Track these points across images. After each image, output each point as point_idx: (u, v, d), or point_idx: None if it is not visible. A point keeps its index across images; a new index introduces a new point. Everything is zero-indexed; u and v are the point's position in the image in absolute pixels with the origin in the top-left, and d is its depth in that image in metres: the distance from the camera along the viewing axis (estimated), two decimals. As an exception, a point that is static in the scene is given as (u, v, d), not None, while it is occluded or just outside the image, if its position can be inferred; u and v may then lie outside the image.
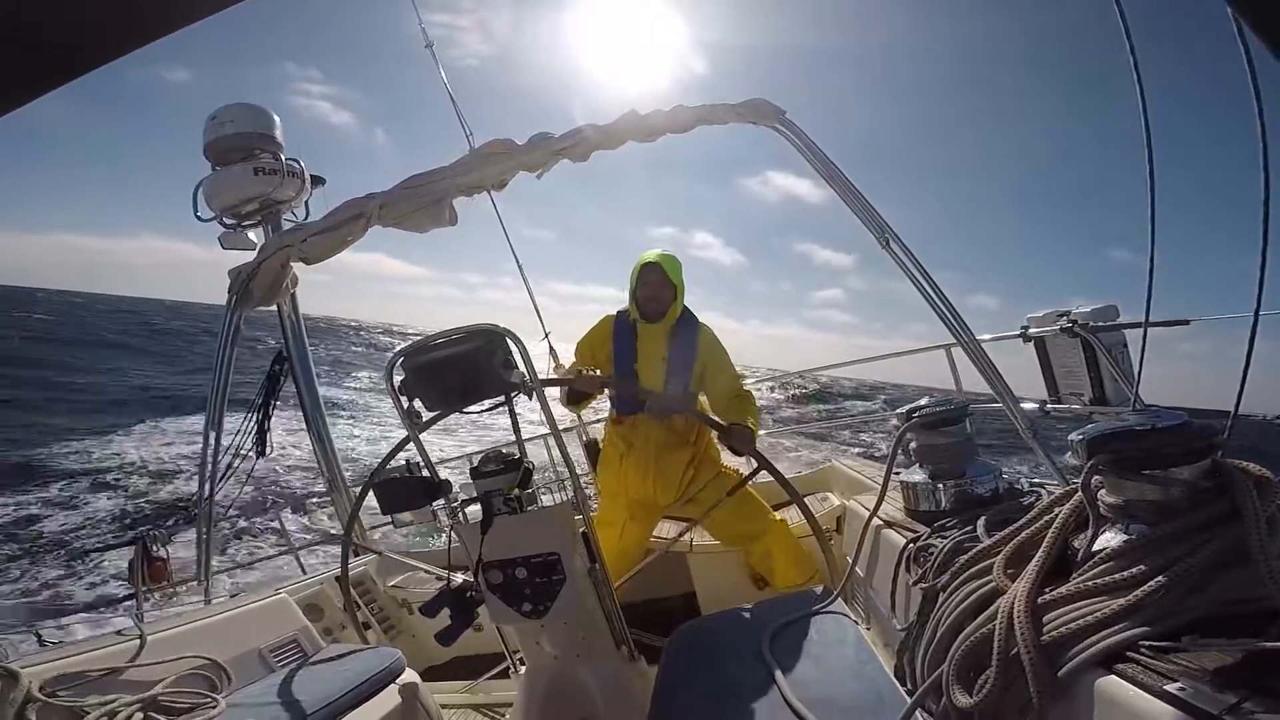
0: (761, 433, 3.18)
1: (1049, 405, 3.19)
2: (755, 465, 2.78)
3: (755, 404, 3.03)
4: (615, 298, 3.22)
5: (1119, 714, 0.96)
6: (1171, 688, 0.90)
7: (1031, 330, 3.17)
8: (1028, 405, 3.00)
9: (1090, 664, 1.03)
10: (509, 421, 2.47)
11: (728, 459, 3.19)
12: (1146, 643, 1.01)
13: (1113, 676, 0.99)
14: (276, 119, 4.02)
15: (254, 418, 4.01)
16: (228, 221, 4.04)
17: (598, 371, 3.16)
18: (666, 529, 3.51)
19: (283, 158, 4.00)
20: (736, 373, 3.10)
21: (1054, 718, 1.04)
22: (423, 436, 2.48)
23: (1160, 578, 1.06)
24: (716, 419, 2.81)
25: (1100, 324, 2.79)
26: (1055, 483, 2.22)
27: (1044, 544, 1.28)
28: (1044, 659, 1.07)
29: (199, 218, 4.03)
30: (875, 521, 2.28)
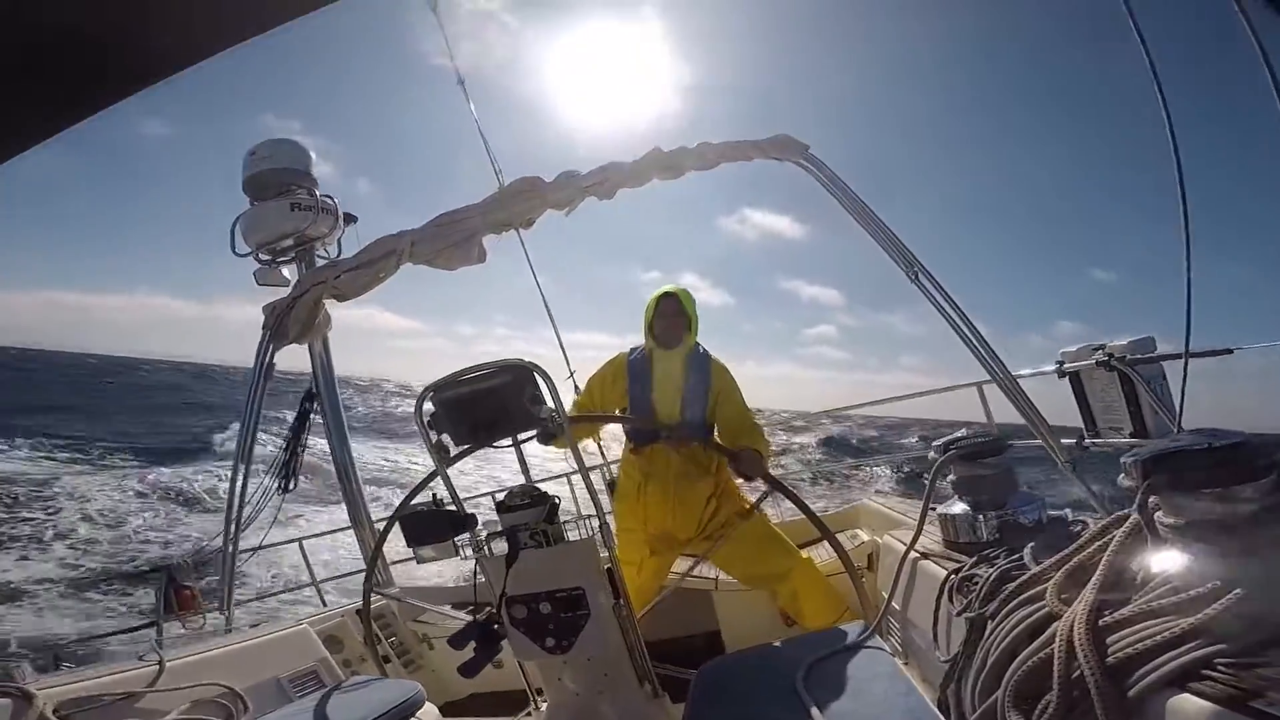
0: (793, 470, 3.11)
1: (1087, 440, 3.10)
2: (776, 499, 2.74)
3: (765, 437, 3.01)
4: (608, 344, 3.28)
5: None
6: (1257, 704, 0.84)
7: (1067, 365, 3.10)
8: (1064, 441, 2.92)
9: (1162, 684, 0.96)
10: (536, 456, 2.48)
11: (751, 495, 3.14)
12: (1222, 660, 0.95)
13: (1188, 695, 0.93)
14: (312, 155, 4.12)
15: (283, 454, 4.02)
16: (263, 257, 4.12)
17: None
18: (685, 567, 3.43)
19: (317, 194, 4.08)
20: (747, 407, 3.09)
21: None
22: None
23: (1230, 595, 1.00)
24: (725, 446, 2.79)
25: (1138, 356, 2.72)
26: (1098, 516, 2.14)
27: (1101, 566, 1.22)
28: (1109, 681, 1.00)
29: (236, 253, 4.10)
30: (912, 554, 2.21)
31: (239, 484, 3.43)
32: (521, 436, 2.50)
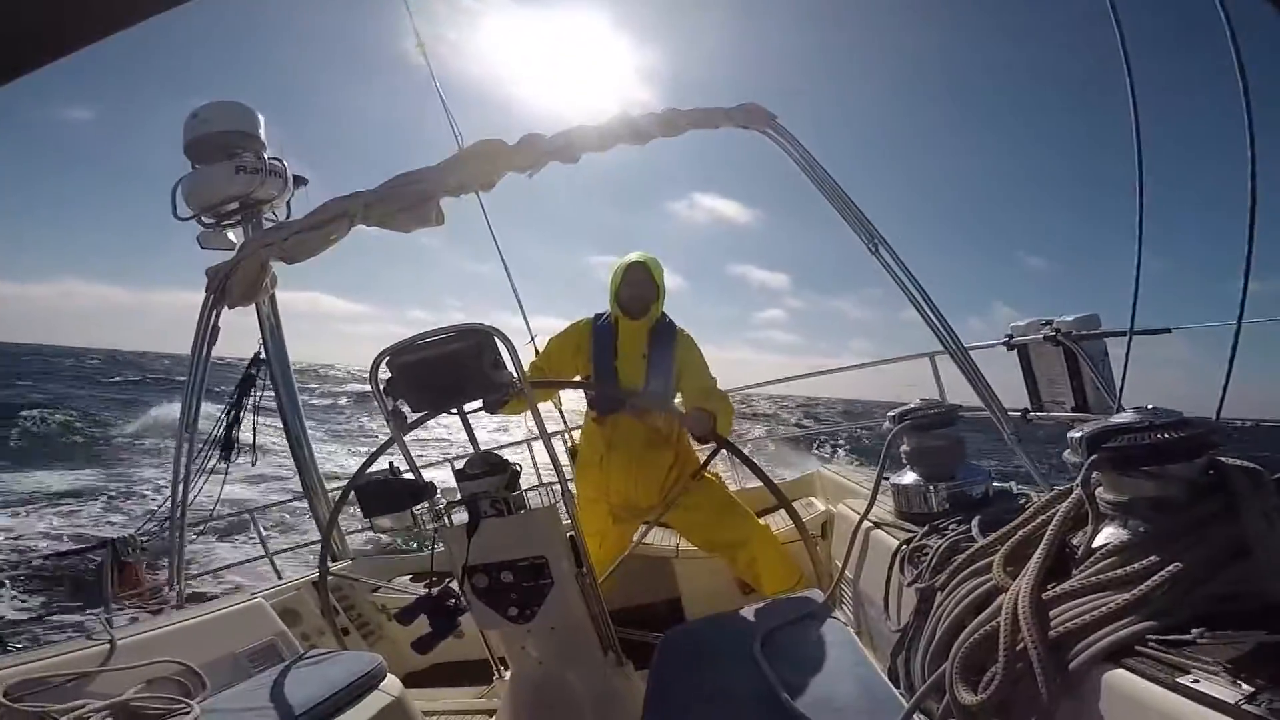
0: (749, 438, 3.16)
1: (1031, 414, 3.22)
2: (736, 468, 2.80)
3: (729, 403, 3.05)
4: (558, 329, 3.26)
5: (1130, 707, 0.95)
6: (1184, 680, 0.90)
7: (1015, 339, 3.20)
8: (1010, 413, 3.03)
9: (1098, 659, 1.02)
10: (498, 423, 2.46)
11: (711, 462, 3.18)
12: (1154, 637, 1.00)
13: (1122, 670, 0.99)
14: (260, 118, 3.96)
15: (224, 421, 3.93)
16: (207, 221, 3.96)
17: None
18: (650, 535, 3.48)
19: (265, 156, 3.93)
20: (712, 376, 3.12)
21: (1062, 713, 1.03)
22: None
23: (1165, 572, 1.06)
24: (679, 410, 2.82)
25: (1083, 332, 2.82)
26: (1039, 489, 2.23)
27: (1044, 540, 1.28)
28: (1051, 654, 1.06)
29: (177, 217, 3.94)
30: (865, 524, 2.28)
31: (184, 454, 3.33)
32: (471, 405, 2.47)
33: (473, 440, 2.56)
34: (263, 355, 4.07)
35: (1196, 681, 0.89)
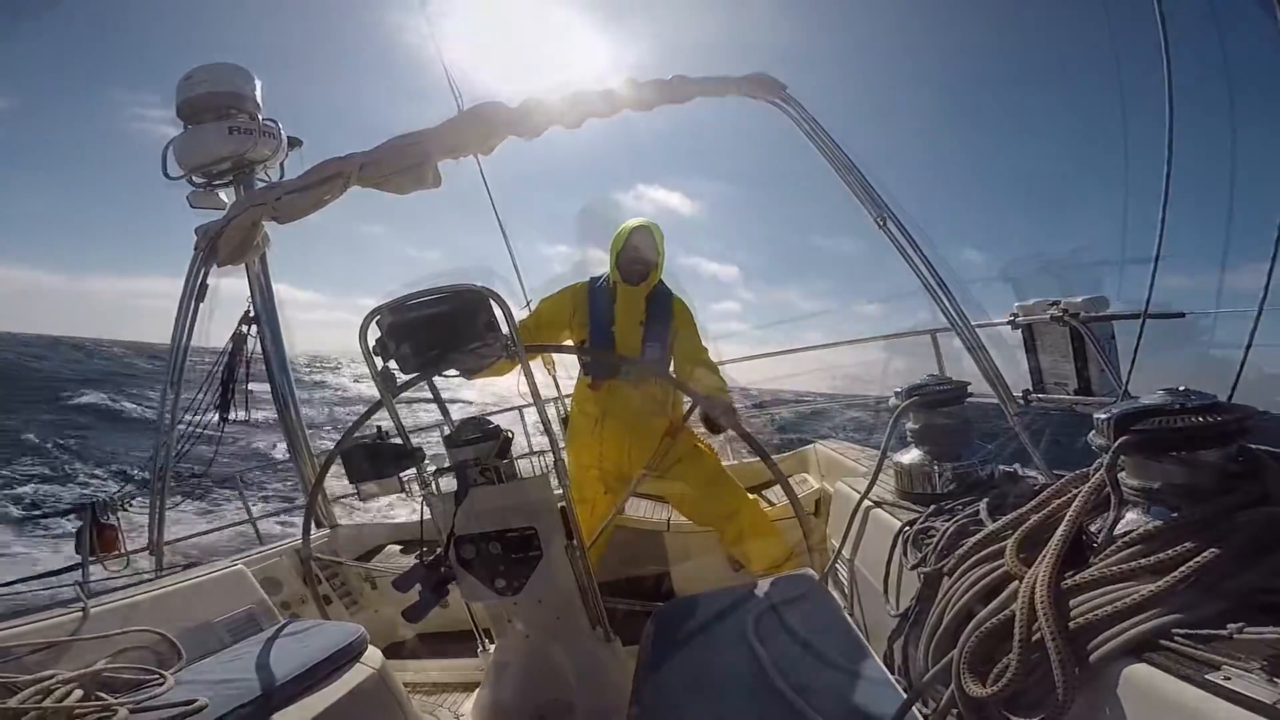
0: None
1: (1033, 395, 3.16)
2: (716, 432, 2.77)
3: (720, 376, 3.00)
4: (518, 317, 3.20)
5: (1153, 704, 0.89)
6: (1214, 676, 0.84)
7: (1021, 319, 3.13)
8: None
9: (1121, 652, 0.96)
10: (494, 388, 2.39)
11: (707, 436, 3.12)
12: (1181, 631, 0.94)
13: (1145, 665, 0.93)
14: (256, 80, 3.91)
15: (217, 381, 3.86)
16: (197, 180, 3.90)
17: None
18: (640, 508, 3.43)
19: (259, 117, 3.87)
20: (703, 345, 3.06)
21: (1079, 709, 0.97)
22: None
23: (1195, 562, 1.00)
24: (693, 387, 2.75)
25: (1094, 314, 2.74)
26: (1037, 472, 2.17)
27: (1063, 526, 1.21)
28: (1069, 646, 1.00)
29: (167, 176, 3.89)
30: (865, 503, 2.21)
31: (169, 414, 3.26)
32: (448, 370, 2.39)
33: (441, 407, 2.49)
34: (252, 314, 3.99)
35: (1228, 679, 0.83)
